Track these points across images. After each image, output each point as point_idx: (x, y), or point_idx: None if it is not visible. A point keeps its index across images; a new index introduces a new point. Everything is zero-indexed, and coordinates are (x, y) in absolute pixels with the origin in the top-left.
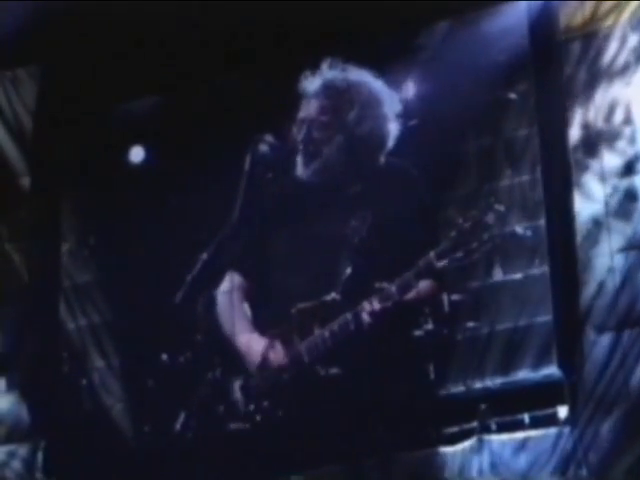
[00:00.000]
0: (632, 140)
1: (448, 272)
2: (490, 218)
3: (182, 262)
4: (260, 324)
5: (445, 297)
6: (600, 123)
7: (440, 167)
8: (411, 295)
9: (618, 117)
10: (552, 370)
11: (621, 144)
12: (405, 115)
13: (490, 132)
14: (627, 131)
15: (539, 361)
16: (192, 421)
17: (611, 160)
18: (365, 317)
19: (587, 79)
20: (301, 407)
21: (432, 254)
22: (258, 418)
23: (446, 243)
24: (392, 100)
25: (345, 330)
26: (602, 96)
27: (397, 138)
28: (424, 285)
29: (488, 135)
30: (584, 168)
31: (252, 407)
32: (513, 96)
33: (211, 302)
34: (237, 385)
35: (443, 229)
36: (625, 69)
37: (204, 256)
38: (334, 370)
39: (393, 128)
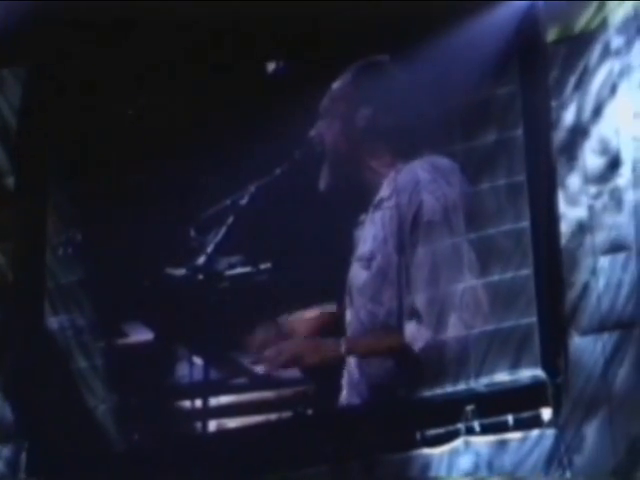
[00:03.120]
0: (616, 143)
1: None
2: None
3: (171, 260)
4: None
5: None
6: (585, 125)
7: None
8: None
9: (603, 119)
10: (536, 372)
11: (605, 147)
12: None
13: (475, 134)
14: (612, 134)
15: (523, 363)
16: (175, 423)
17: (595, 162)
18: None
19: (572, 81)
20: (285, 407)
21: None
22: (243, 418)
23: None
24: None
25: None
26: (587, 99)
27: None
28: None
29: (473, 137)
30: (569, 170)
31: (237, 406)
32: (498, 98)
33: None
34: (223, 384)
35: None
36: (610, 72)
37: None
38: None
39: None
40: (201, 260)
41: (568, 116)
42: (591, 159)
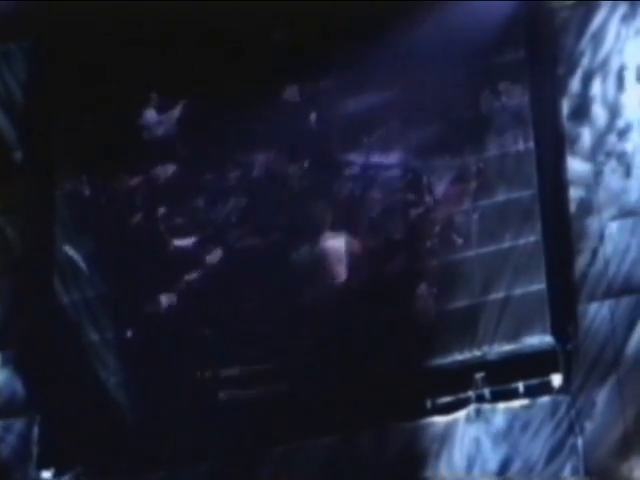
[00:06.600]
0: (624, 108)
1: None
2: (479, 186)
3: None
4: None
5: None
6: (592, 91)
7: (430, 133)
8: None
9: (610, 85)
10: (546, 339)
11: (613, 112)
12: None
13: (482, 101)
14: (619, 99)
15: (533, 330)
16: (186, 393)
17: (603, 128)
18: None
19: (579, 47)
20: (295, 377)
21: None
22: (253, 389)
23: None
24: None
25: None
26: (594, 64)
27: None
28: None
29: (480, 104)
30: (577, 136)
31: (247, 378)
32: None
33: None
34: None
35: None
36: (616, 37)
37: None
38: (327, 339)
39: None
40: None
41: (576, 82)
42: (599, 125)
